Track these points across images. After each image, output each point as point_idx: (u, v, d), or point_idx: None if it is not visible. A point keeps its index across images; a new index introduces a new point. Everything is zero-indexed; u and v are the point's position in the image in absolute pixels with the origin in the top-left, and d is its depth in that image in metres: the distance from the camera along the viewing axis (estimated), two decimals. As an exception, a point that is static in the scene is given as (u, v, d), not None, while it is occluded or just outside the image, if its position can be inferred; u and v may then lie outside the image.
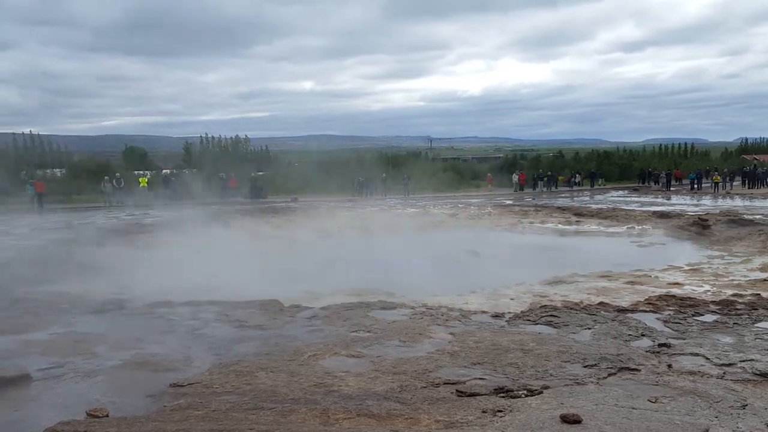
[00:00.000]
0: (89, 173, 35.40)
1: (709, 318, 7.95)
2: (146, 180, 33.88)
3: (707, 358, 6.11)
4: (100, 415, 4.50)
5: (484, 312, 8.60)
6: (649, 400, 4.81)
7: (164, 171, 44.05)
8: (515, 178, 40.22)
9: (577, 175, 44.10)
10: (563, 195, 35.87)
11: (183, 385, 5.32)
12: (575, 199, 32.42)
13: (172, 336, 7.26)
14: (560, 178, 42.76)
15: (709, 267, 13.61)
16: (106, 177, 31.22)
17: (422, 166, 47.61)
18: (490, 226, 23.38)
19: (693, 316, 8.08)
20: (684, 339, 6.93)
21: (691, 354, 6.29)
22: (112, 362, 6.06)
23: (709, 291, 10.82)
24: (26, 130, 48.36)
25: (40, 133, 50.25)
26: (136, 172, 39.44)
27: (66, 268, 12.91)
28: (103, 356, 6.27)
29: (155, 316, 8.37)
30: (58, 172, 39.91)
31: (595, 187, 42.09)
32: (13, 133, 47.62)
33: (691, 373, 5.63)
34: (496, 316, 8.26)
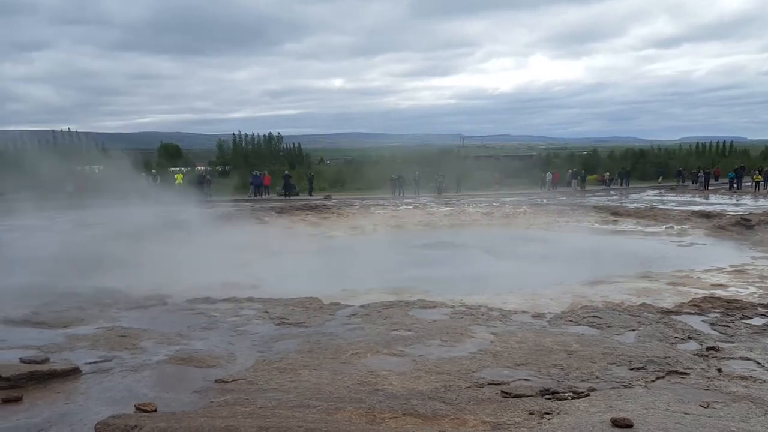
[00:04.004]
0: (126, 170, 36.00)
1: (758, 321, 7.73)
2: (182, 176, 34.36)
3: (759, 363, 5.94)
4: (149, 410, 4.55)
5: (524, 312, 8.50)
6: (701, 406, 4.68)
7: (198, 168, 44.63)
8: (548, 176, 39.76)
9: (615, 173, 43.47)
10: (597, 194, 35.34)
11: (228, 381, 5.37)
12: (610, 198, 31.92)
13: (214, 332, 7.34)
14: (592, 177, 42.10)
15: (753, 268, 13.25)
16: (142, 174, 31.76)
17: (454, 165, 47.33)
18: (525, 225, 23.18)
19: (741, 319, 7.87)
20: (733, 342, 6.75)
21: (741, 358, 6.12)
22: (158, 357, 6.14)
23: (755, 293, 10.52)
24: (64, 128, 49.20)
25: (77, 130, 51.17)
26: (171, 169, 40.04)
27: (107, 264, 13.13)
28: (149, 351, 6.37)
29: (196, 312, 8.48)
30: (96, 168, 40.62)
31: (631, 185, 41.33)
32: (53, 131, 48.64)
33: (743, 378, 5.47)
34: (537, 316, 8.16)
